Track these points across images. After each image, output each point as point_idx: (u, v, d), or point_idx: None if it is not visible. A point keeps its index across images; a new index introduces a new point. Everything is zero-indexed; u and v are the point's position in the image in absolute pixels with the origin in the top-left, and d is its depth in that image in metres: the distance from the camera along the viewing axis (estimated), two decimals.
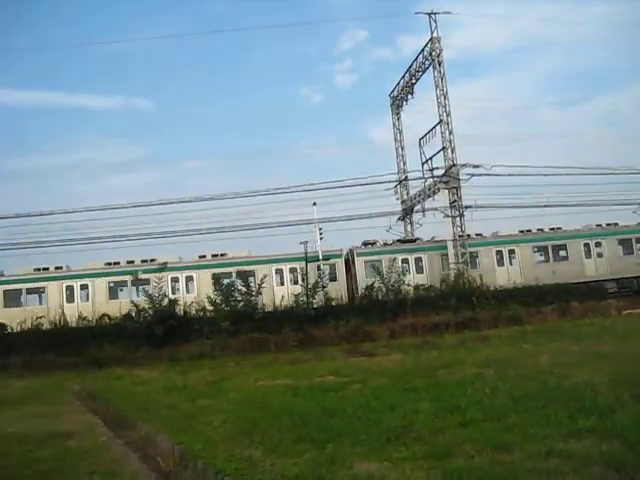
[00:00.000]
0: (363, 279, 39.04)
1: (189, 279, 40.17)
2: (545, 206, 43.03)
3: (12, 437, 12.49)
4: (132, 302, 33.80)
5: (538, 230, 43.92)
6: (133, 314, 32.90)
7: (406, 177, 49.08)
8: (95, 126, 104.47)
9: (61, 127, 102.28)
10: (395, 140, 51.27)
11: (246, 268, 37.00)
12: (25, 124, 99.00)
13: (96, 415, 15.01)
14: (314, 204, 39.85)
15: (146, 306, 32.33)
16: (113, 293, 39.97)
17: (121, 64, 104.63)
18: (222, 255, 40.78)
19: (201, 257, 41.09)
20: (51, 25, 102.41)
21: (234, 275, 36.46)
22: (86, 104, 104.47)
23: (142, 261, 40.19)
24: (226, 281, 34.50)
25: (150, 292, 32.67)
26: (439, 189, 42.00)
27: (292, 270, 39.85)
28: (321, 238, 39.25)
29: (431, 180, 43.03)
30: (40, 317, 33.67)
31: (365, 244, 42.28)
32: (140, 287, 36.78)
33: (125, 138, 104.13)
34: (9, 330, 34.79)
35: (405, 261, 40.87)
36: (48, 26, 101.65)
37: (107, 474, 9.03)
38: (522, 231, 43.73)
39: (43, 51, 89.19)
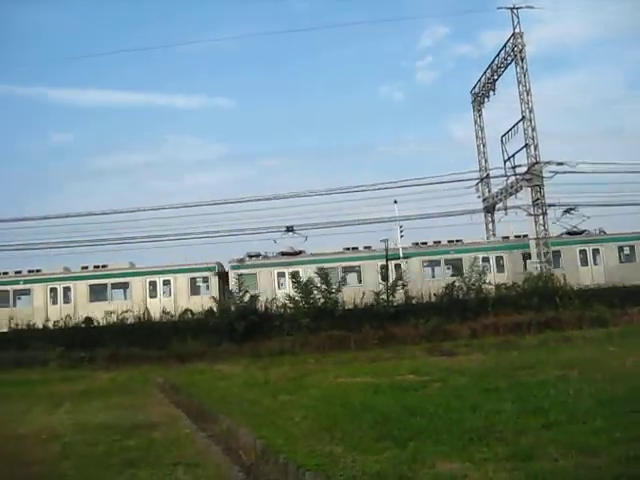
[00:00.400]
0: (237, 292, 37.03)
1: (67, 290, 41.25)
2: (631, 204, 41.76)
3: (99, 427, 12.95)
4: None
5: (435, 242, 42.75)
6: (215, 310, 33.44)
7: (488, 175, 48.26)
8: (175, 125, 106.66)
9: (143, 127, 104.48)
10: (476, 137, 50.50)
11: (123, 280, 40.72)
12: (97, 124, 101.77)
13: (179, 408, 15.40)
14: (395, 202, 39.68)
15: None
16: None
17: (202, 64, 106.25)
18: (103, 266, 41.90)
19: (83, 268, 42.09)
20: (134, 28, 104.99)
21: (110, 287, 40.79)
22: (169, 104, 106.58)
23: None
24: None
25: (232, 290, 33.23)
26: (522, 187, 41.26)
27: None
28: (401, 236, 39.10)
29: (513, 178, 42.33)
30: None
31: (250, 256, 41.48)
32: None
33: (205, 138, 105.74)
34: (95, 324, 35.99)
35: (281, 275, 40.21)
36: (131, 29, 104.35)
37: (191, 465, 9.24)
38: (416, 244, 42.24)
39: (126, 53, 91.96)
